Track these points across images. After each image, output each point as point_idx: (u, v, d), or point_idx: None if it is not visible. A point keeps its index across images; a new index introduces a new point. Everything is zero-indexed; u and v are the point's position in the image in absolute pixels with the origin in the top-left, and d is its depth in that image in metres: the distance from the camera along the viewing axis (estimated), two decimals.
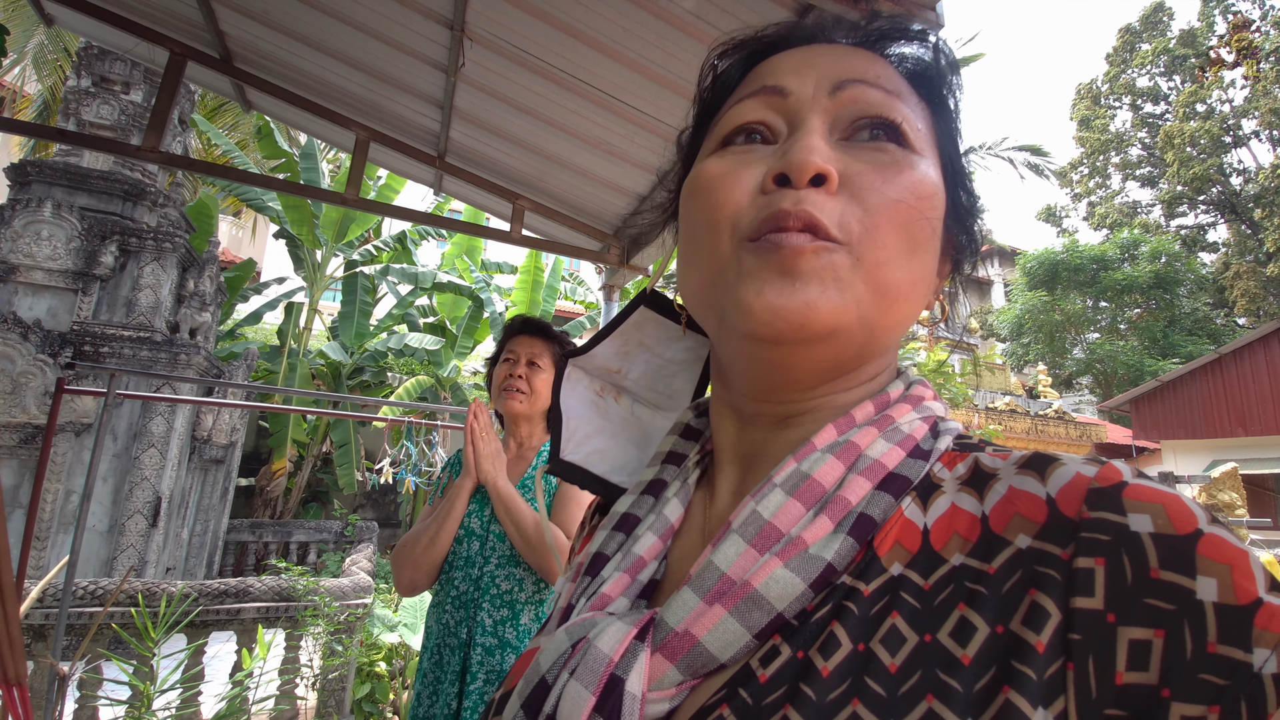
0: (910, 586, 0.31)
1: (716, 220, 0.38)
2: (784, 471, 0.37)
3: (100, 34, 3.00)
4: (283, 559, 7.18)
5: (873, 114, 0.38)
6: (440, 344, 9.31)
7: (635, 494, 0.46)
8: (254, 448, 10.08)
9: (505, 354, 1.64)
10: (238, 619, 3.28)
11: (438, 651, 1.46)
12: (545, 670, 0.35)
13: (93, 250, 5.35)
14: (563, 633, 0.36)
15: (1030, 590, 0.28)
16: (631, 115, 2.37)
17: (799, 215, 0.35)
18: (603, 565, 0.42)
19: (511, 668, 0.46)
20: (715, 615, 0.32)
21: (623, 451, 0.54)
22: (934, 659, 0.28)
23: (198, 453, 6.05)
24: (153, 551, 5.12)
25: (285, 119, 3.55)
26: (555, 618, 0.42)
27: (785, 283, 0.34)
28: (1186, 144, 21.73)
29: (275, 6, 2.42)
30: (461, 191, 3.46)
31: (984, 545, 0.31)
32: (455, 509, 1.49)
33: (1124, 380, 17.44)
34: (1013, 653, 0.26)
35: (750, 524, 0.35)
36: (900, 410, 0.39)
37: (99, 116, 5.77)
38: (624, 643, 0.33)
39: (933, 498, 0.34)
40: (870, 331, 0.36)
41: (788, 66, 0.41)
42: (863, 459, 0.36)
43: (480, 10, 2.13)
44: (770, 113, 0.40)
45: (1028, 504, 0.31)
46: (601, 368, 0.56)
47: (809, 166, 0.35)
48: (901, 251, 0.36)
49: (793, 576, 0.32)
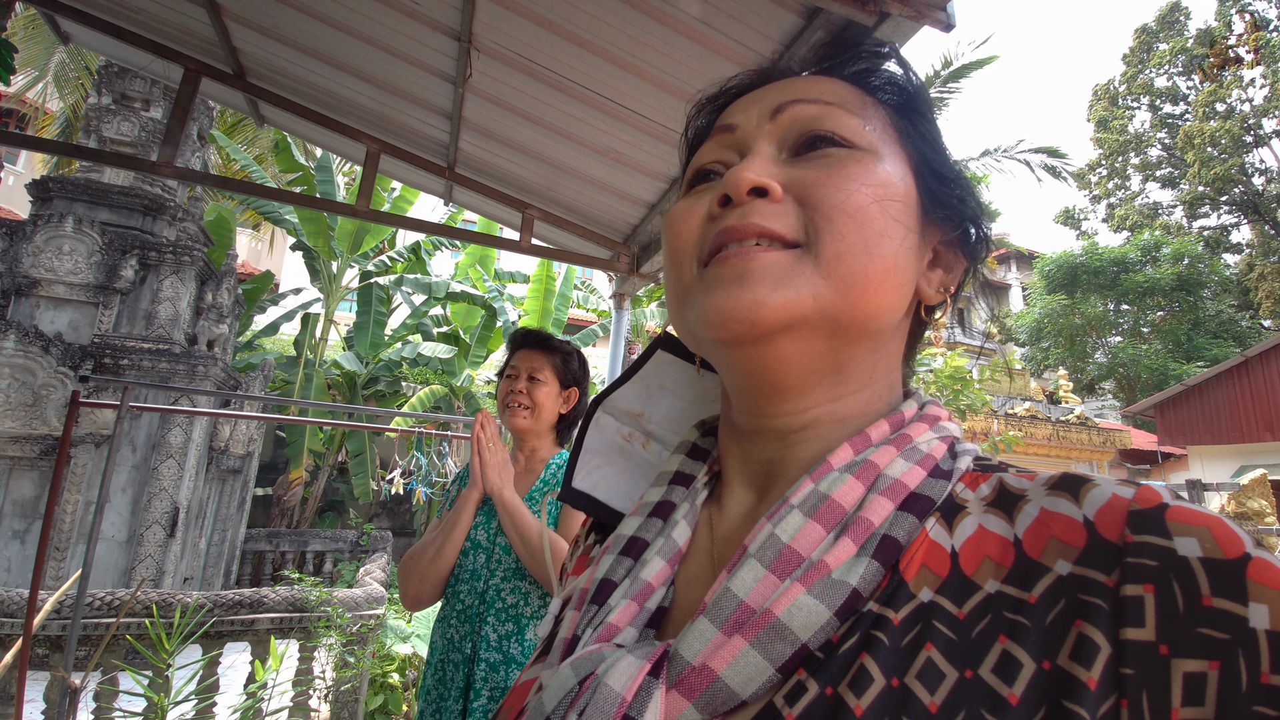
0: (943, 615, 0.29)
1: (677, 251, 0.41)
2: (801, 492, 0.35)
3: (116, 51, 3.06)
4: (299, 568, 7.22)
5: (811, 127, 0.40)
6: (454, 353, 9.37)
7: (642, 515, 0.45)
8: (271, 458, 10.19)
9: (508, 369, 1.64)
10: (252, 630, 3.29)
11: (441, 667, 1.44)
12: (550, 710, 0.33)
13: (113, 264, 5.44)
14: (568, 668, 0.34)
15: (1076, 621, 0.26)
16: (639, 122, 2.36)
17: (746, 228, 0.37)
18: (610, 592, 0.40)
19: (504, 701, 0.44)
20: (735, 647, 0.30)
21: (633, 484, 0.53)
22: (978, 698, 0.26)
23: (215, 463, 6.11)
24: (170, 561, 5.17)
25: (297, 132, 3.59)
26: (559, 649, 0.40)
27: (735, 285, 0.36)
28: (1207, 144, 21.38)
29: (286, 22, 2.45)
30: (471, 202, 3.48)
31: (1021, 571, 0.29)
32: (461, 521, 1.48)
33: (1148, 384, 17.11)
34: (1063, 690, 0.25)
35: (768, 548, 0.33)
36: (917, 429, 0.39)
37: (120, 133, 5.89)
38: (637, 680, 0.31)
39: (958, 519, 0.33)
40: (835, 322, 0.36)
41: (739, 106, 0.44)
42: (882, 478, 0.35)
43: (487, 21, 2.14)
44: (723, 150, 0.43)
45: (1064, 527, 0.29)
46: (626, 411, 0.56)
47: (744, 182, 0.37)
48: (860, 241, 0.36)
49: (817, 604, 0.30)
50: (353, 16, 2.31)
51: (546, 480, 1.58)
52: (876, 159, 0.39)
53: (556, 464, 1.61)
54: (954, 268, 0.44)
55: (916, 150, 0.42)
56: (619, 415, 0.56)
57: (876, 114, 0.42)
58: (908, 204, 0.40)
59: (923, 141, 0.42)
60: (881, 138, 0.40)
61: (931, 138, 0.43)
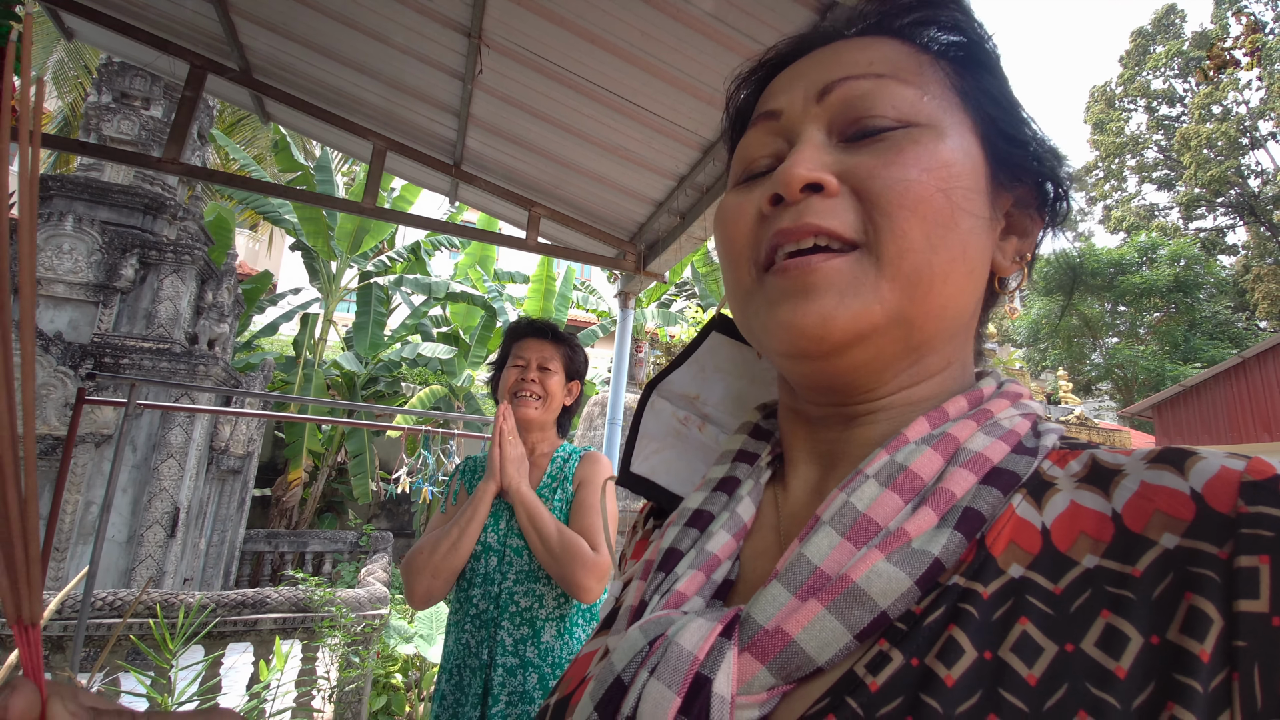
0: (1037, 590, 0.28)
1: (733, 254, 0.40)
2: (876, 463, 0.34)
3: (120, 47, 3.04)
4: (299, 569, 7.19)
5: (863, 107, 0.37)
6: (454, 353, 9.34)
7: (706, 490, 0.44)
8: (270, 458, 10.14)
9: (514, 359, 1.59)
10: (255, 630, 3.27)
11: (457, 673, 1.41)
12: (620, 669, 0.33)
13: (113, 263, 5.41)
14: (637, 630, 0.34)
15: (1186, 594, 0.25)
16: (649, 120, 2.36)
17: (802, 229, 0.35)
18: (676, 561, 0.40)
19: (565, 672, 0.43)
20: (810, 611, 0.30)
21: (691, 467, 0.53)
22: (1081, 671, 0.26)
23: (215, 463, 6.08)
24: (171, 562, 5.14)
25: (303, 130, 3.57)
26: (626, 616, 0.39)
27: (800, 300, 0.35)
28: (1203, 146, 21.46)
29: (294, 18, 2.44)
30: (477, 200, 3.47)
31: (1122, 545, 0.28)
32: (479, 513, 1.44)
33: (1145, 385, 17.17)
34: (1174, 664, 0.24)
35: (843, 516, 0.33)
36: (998, 405, 0.37)
37: (120, 131, 5.86)
38: (709, 639, 0.30)
39: (1047, 495, 0.32)
40: (909, 324, 0.35)
41: (781, 86, 0.41)
42: (963, 451, 0.34)
43: (498, 17, 2.13)
44: (770, 138, 0.40)
45: (1170, 500, 0.28)
46: (680, 394, 0.55)
47: (795, 179, 0.35)
48: (923, 235, 0.34)
49: (897, 571, 0.30)
50: (362, 12, 2.30)
51: (553, 474, 1.55)
52: (937, 136, 0.36)
53: (562, 457, 1.58)
54: (1030, 231, 0.42)
55: (982, 113, 0.39)
56: (674, 399, 0.55)
57: (934, 76, 0.38)
58: (975, 181, 0.37)
59: (989, 101, 0.39)
60: (942, 106, 0.37)
61: (998, 95, 0.39)
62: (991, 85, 0.39)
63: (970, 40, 0.40)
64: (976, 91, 0.39)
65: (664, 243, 2.99)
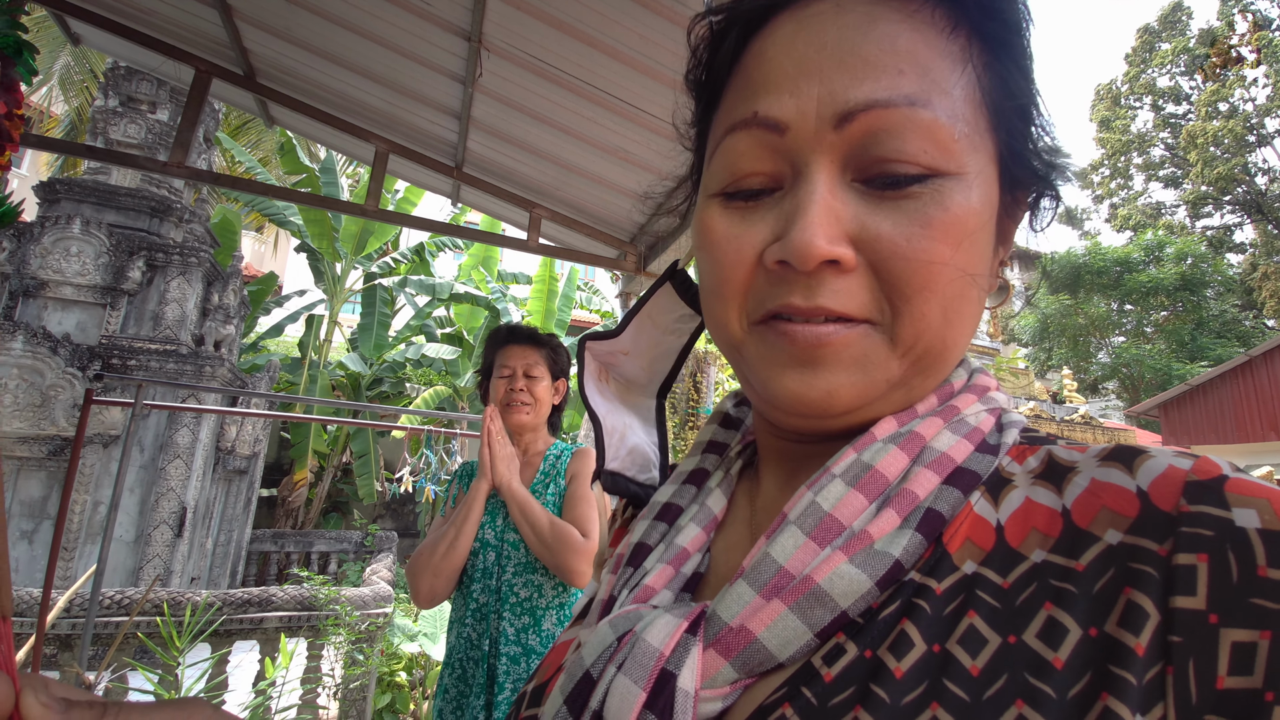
0: (987, 585, 0.29)
1: (724, 295, 0.36)
2: (843, 461, 0.34)
3: (127, 53, 3.08)
4: (304, 569, 7.23)
5: (890, 156, 0.32)
6: (457, 354, 9.38)
7: (676, 483, 0.44)
8: (276, 459, 10.21)
9: (500, 369, 1.64)
10: (260, 628, 3.30)
11: (460, 666, 1.45)
12: (589, 664, 0.34)
13: (120, 265, 5.47)
14: (606, 625, 0.35)
15: (1125, 589, 0.26)
16: (647, 121, 2.38)
17: (814, 311, 0.33)
18: (645, 556, 0.40)
19: (542, 660, 0.44)
20: (774, 611, 0.31)
21: (641, 444, 0.52)
22: (1021, 662, 0.26)
23: (222, 464, 6.13)
24: (178, 561, 5.19)
25: (307, 133, 3.61)
26: (596, 610, 0.40)
27: (806, 371, 0.33)
28: (1210, 144, 21.34)
29: (297, 23, 2.47)
30: (479, 201, 3.49)
31: (1068, 541, 0.29)
32: (473, 512, 1.50)
33: (1151, 384, 17.08)
34: (1110, 656, 0.25)
35: (809, 515, 0.33)
36: (965, 401, 0.37)
37: (126, 135, 5.92)
38: (675, 636, 0.31)
39: (1004, 493, 0.32)
40: (909, 388, 0.35)
41: (783, 73, 0.34)
42: (928, 451, 0.34)
43: (497, 21, 2.15)
44: (769, 155, 0.34)
45: (1116, 497, 0.29)
46: (613, 349, 0.53)
47: (812, 255, 0.31)
48: (941, 315, 0.33)
49: (858, 573, 0.30)
50: (364, 17, 2.33)
51: (546, 471, 1.62)
52: (965, 189, 0.33)
53: (554, 455, 1.65)
54: (1010, 233, 0.40)
55: (1005, 134, 0.35)
56: (600, 354, 0.54)
57: (965, 84, 0.33)
58: (989, 231, 0.35)
59: (1015, 115, 0.35)
60: (970, 138, 0.33)
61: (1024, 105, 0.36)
62: (1020, 90, 0.35)
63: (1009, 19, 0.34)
64: (1005, 103, 0.35)
65: (664, 243, 3.01)
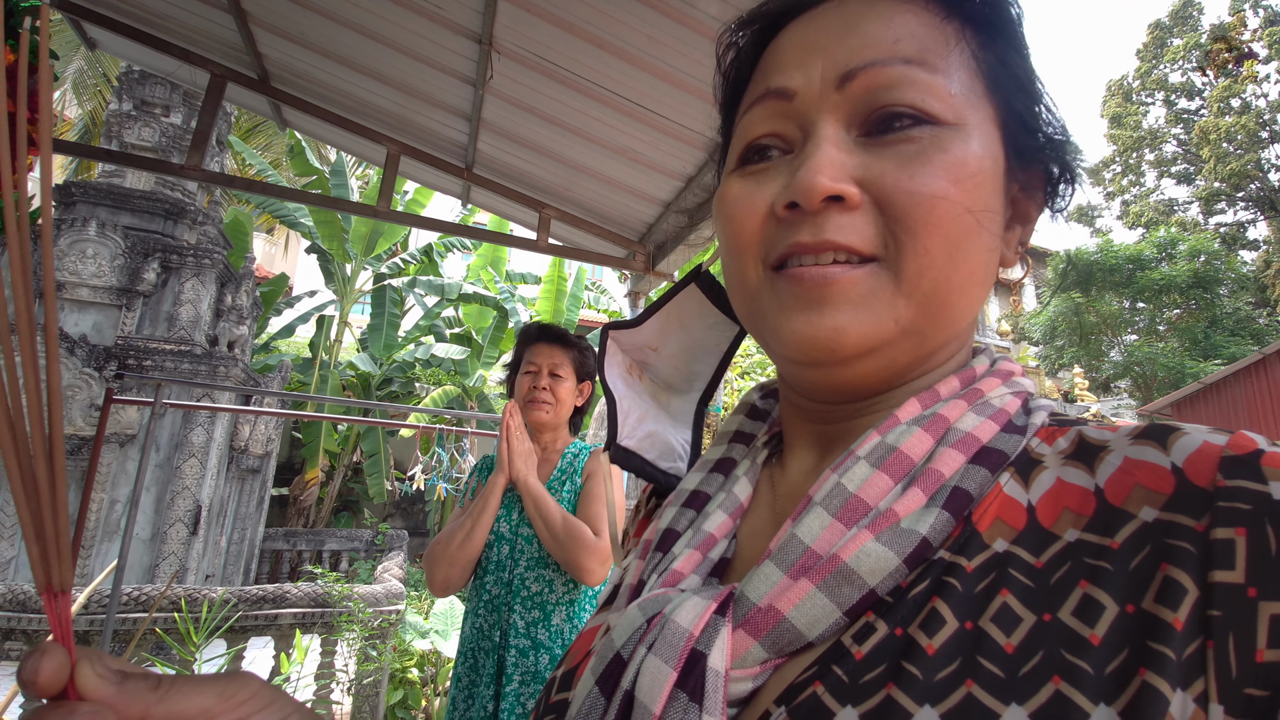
0: (1020, 564, 0.29)
1: (739, 249, 0.38)
2: (867, 444, 0.35)
3: (143, 57, 3.13)
4: (316, 566, 7.30)
5: (888, 103, 0.35)
6: (466, 354, 9.44)
7: (703, 471, 0.45)
8: (288, 458, 10.30)
9: (526, 365, 1.67)
10: (275, 624, 3.34)
11: (472, 655, 1.48)
12: (620, 645, 0.34)
13: (136, 267, 5.54)
14: (636, 608, 0.35)
15: (1162, 565, 0.26)
16: (657, 122, 2.39)
17: (821, 245, 0.34)
18: (673, 541, 0.41)
19: (571, 645, 0.45)
20: (801, 590, 0.31)
21: (665, 434, 0.53)
22: (1057, 639, 0.26)
23: (235, 463, 6.20)
24: (193, 559, 5.26)
25: (319, 136, 3.65)
26: (625, 594, 0.41)
27: (815, 311, 0.34)
28: (1222, 139, 21.12)
29: (311, 27, 2.51)
30: (489, 202, 3.52)
31: (1102, 519, 0.29)
32: (490, 505, 1.53)
33: (1164, 383, 16.92)
34: (1148, 632, 0.25)
35: (834, 496, 0.33)
36: (989, 384, 0.37)
37: (140, 139, 6.00)
38: (704, 617, 0.32)
39: (1034, 473, 0.32)
40: (921, 336, 0.35)
41: (792, 56, 0.37)
42: (953, 432, 0.34)
43: (508, 24, 2.17)
44: (779, 120, 0.37)
45: (1150, 474, 0.29)
46: (640, 344, 0.55)
47: (816, 190, 0.33)
48: (945, 252, 0.33)
49: (885, 550, 0.30)
50: (376, 21, 2.36)
51: (563, 469, 1.64)
52: (964, 138, 0.34)
53: (572, 453, 1.67)
54: (1031, 216, 0.40)
55: (1005, 100, 0.37)
56: (628, 347, 0.55)
57: (961, 58, 0.36)
58: (995, 187, 0.36)
59: (1013, 86, 0.37)
60: (969, 99, 0.35)
61: (1022, 76, 0.38)
62: (1016, 64, 0.38)
63: (999, 16, 0.37)
64: (1002, 74, 0.37)
65: (672, 243, 3.03)
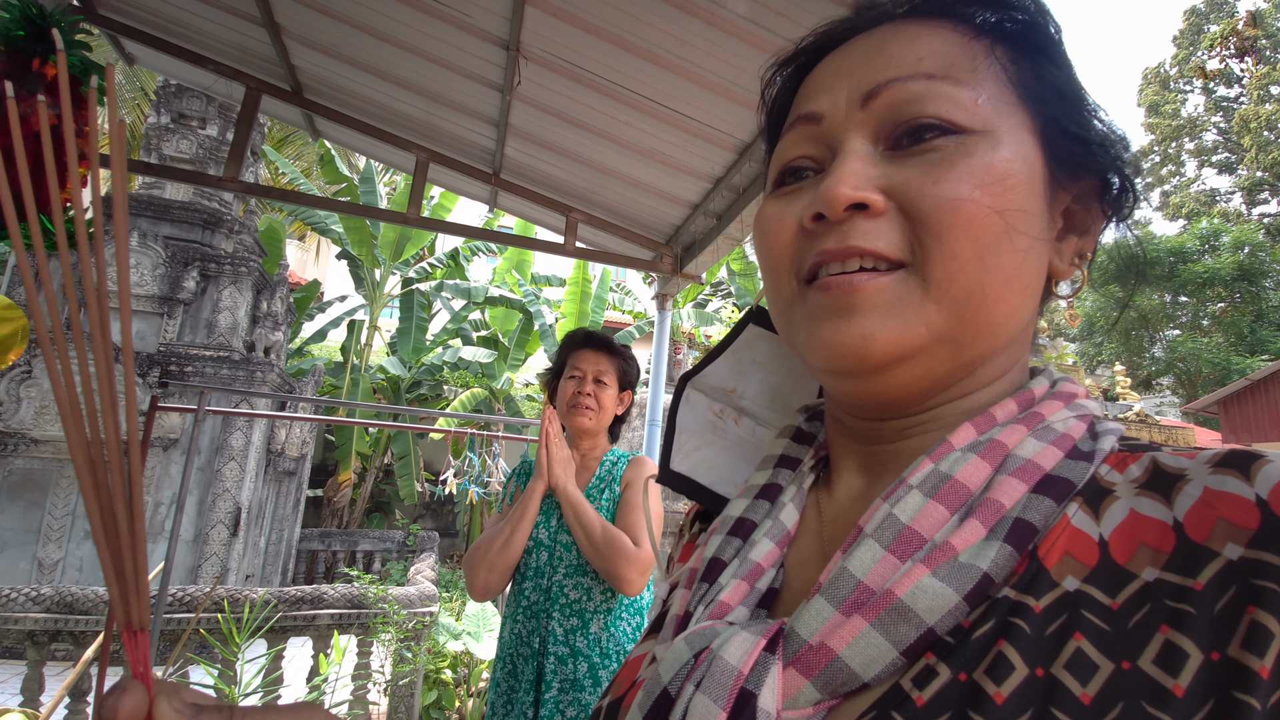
0: (1093, 605, 0.28)
1: (772, 264, 0.39)
2: (920, 472, 0.33)
3: (180, 72, 3.22)
4: (350, 567, 7.44)
5: (911, 116, 0.35)
6: (493, 357, 9.53)
7: (748, 498, 0.44)
8: (321, 460, 10.51)
9: (571, 370, 1.66)
10: (313, 625, 3.41)
11: (510, 661, 1.48)
12: (667, 681, 0.33)
13: (176, 276, 5.71)
14: (683, 641, 0.34)
15: (1248, 608, 0.24)
16: (684, 124, 2.38)
17: (846, 252, 0.34)
18: (719, 571, 0.40)
19: (616, 675, 0.44)
20: (855, 627, 0.30)
21: (731, 465, 0.52)
22: (1138, 690, 0.25)
23: (272, 465, 6.35)
24: (234, 559, 5.40)
25: (350, 144, 3.71)
26: (671, 625, 0.40)
27: (842, 319, 0.34)
28: (1263, 127, 20.35)
29: (342, 38, 2.55)
30: (516, 207, 3.55)
31: (1183, 557, 0.27)
32: (529, 511, 1.52)
33: (1209, 380, 16.36)
34: (1233, 681, 0.23)
35: (886, 528, 0.32)
36: (1050, 407, 0.36)
37: (179, 151, 6.18)
38: (753, 654, 0.31)
39: (1105, 504, 0.31)
40: (957, 344, 0.34)
41: (821, 83, 0.39)
42: (1012, 459, 0.33)
43: (534, 29, 2.18)
44: (809, 144, 0.38)
45: (1233, 507, 0.27)
46: (717, 387, 0.54)
47: (839, 199, 0.34)
48: (974, 256, 0.32)
49: (943, 587, 0.29)
50: (405, 30, 2.39)
51: (602, 476, 1.62)
52: (992, 145, 0.34)
53: (610, 460, 1.65)
54: (1090, 228, 0.39)
55: (1041, 111, 0.36)
56: (710, 392, 0.55)
57: (990, 71, 0.35)
58: (1031, 191, 0.35)
59: (1050, 96, 0.36)
60: (998, 108, 0.35)
61: (1061, 87, 0.36)
62: (1053, 75, 0.37)
63: (1030, 21, 0.37)
64: (1036, 85, 0.36)
65: (700, 244, 3.01)
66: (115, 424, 0.32)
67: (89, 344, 0.32)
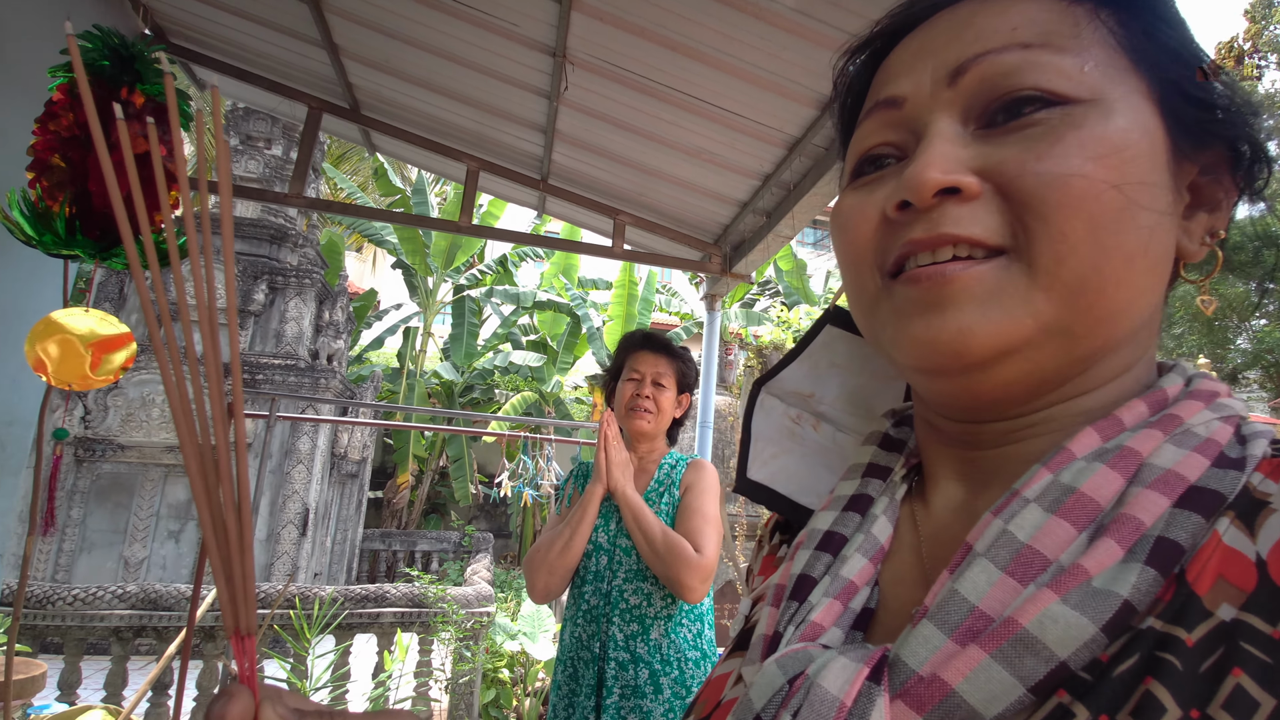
0: (1254, 635, 0.24)
1: (853, 260, 0.36)
2: (1036, 484, 0.30)
3: (248, 95, 3.38)
4: (410, 566, 7.67)
5: (1006, 90, 0.31)
6: (543, 360, 9.68)
7: (836, 510, 0.41)
8: (380, 463, 10.88)
9: (629, 373, 1.64)
10: (377, 622, 3.52)
11: (571, 664, 1.48)
12: (759, 708, 0.31)
13: (247, 289, 6.02)
14: (774, 665, 0.32)
15: None
16: (732, 121, 2.36)
17: (938, 240, 0.31)
18: (809, 589, 0.37)
19: (698, 694, 0.42)
20: (972, 659, 0.26)
21: (812, 473, 0.50)
22: None
23: (336, 468, 6.61)
24: (303, 558, 5.64)
25: (404, 157, 3.83)
26: (759, 645, 0.37)
27: (934, 313, 0.31)
28: None
29: (395, 55, 2.63)
30: (563, 211, 3.59)
31: None
32: (588, 514, 1.51)
33: None
34: None
35: (1002, 546, 0.29)
36: (1188, 408, 0.32)
37: (247, 170, 6.51)
38: (855, 683, 0.28)
39: (1261, 517, 0.27)
40: (1071, 336, 0.31)
41: (901, 65, 0.35)
42: (1148, 468, 0.29)
43: (581, 35, 2.20)
44: (890, 130, 0.35)
45: None
46: (793, 392, 0.52)
47: (926, 184, 0.30)
48: (1089, 235, 0.29)
49: (1077, 616, 0.26)
50: (455, 43, 2.45)
51: (661, 480, 1.60)
52: (1104, 114, 0.30)
53: (669, 463, 1.63)
54: (1222, 203, 0.35)
55: (1157, 74, 0.32)
56: (785, 397, 0.52)
57: (1095, 36, 0.32)
58: (1154, 163, 0.31)
59: (1166, 58, 0.32)
60: (1107, 74, 0.31)
61: (1175, 47, 0.33)
62: (1167, 35, 0.33)
63: None
64: (1150, 47, 0.32)
65: (750, 243, 2.98)
66: (225, 434, 0.32)
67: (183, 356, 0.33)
